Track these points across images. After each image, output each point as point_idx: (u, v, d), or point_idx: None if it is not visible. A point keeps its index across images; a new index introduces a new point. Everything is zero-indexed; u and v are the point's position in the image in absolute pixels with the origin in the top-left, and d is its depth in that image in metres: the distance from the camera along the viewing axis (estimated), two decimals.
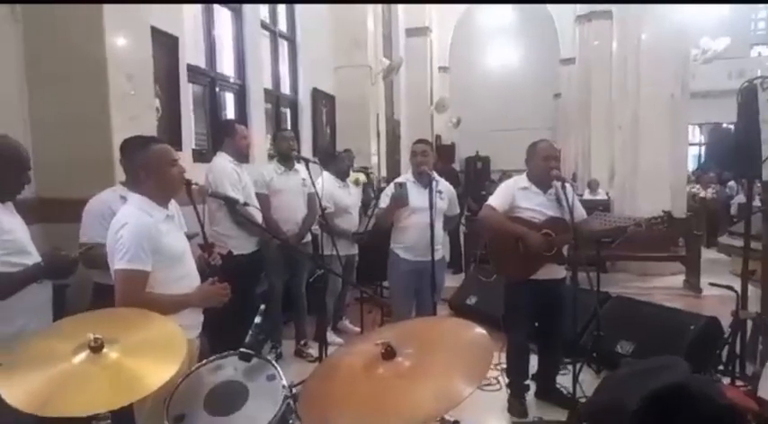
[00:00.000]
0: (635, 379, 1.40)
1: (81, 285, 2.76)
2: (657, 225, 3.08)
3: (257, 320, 1.67)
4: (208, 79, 5.10)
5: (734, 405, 1.35)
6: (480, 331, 1.47)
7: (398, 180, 3.69)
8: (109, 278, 2.06)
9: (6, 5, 2.99)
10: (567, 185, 3.13)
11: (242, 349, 1.63)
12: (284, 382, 1.60)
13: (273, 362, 1.68)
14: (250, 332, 1.64)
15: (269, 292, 4.08)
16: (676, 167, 7.22)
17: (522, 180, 3.32)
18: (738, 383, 3.26)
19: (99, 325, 1.57)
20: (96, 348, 1.49)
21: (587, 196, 9.75)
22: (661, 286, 6.39)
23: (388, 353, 1.43)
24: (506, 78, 16.60)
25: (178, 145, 4.20)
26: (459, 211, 3.94)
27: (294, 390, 1.58)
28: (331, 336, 4.28)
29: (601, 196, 9.19)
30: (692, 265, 6.21)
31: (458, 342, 1.51)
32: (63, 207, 2.99)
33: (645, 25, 7.07)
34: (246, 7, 5.72)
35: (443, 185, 3.66)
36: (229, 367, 1.67)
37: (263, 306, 1.69)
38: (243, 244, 3.58)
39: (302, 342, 4.27)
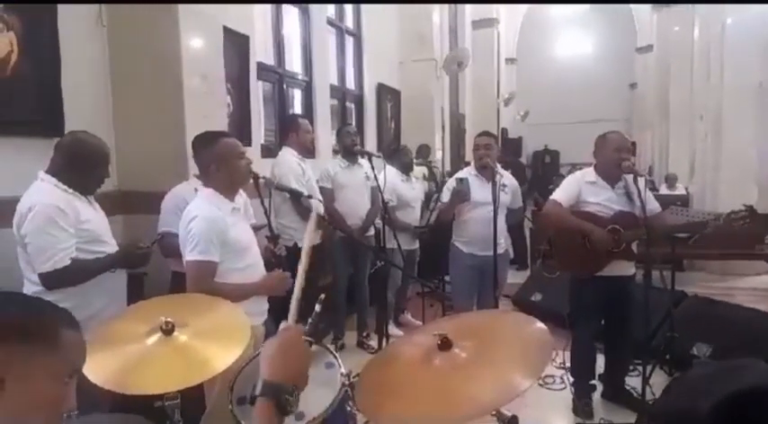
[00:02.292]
0: (708, 381, 1.31)
1: (160, 273, 2.95)
2: (738, 220, 2.88)
3: (317, 308, 1.70)
4: (276, 76, 5.24)
5: None
6: (540, 325, 1.44)
7: (460, 174, 3.67)
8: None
9: (94, 11, 3.21)
10: (640, 178, 2.98)
11: (303, 337, 1.67)
12: (342, 370, 1.63)
13: (332, 350, 1.72)
14: (309, 320, 1.68)
15: (333, 284, 4.17)
16: (764, 160, 6.71)
17: (589, 173, 3.20)
18: None
19: (170, 310, 1.67)
20: (168, 330, 1.59)
21: (664, 191, 9.24)
22: (744, 286, 5.97)
23: (445, 344, 1.43)
24: (578, 68, 16.01)
25: (247, 140, 4.34)
26: (522, 204, 3.86)
27: (352, 378, 1.60)
28: (392, 329, 4.32)
29: (679, 191, 8.69)
30: None
31: (516, 336, 1.48)
32: (142, 200, 3.20)
33: (729, 10, 6.60)
34: (314, 5, 5.84)
35: (507, 178, 3.60)
36: None
37: (322, 296, 1.72)
38: None
39: (364, 334, 4.33)
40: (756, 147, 6.58)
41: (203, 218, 2.10)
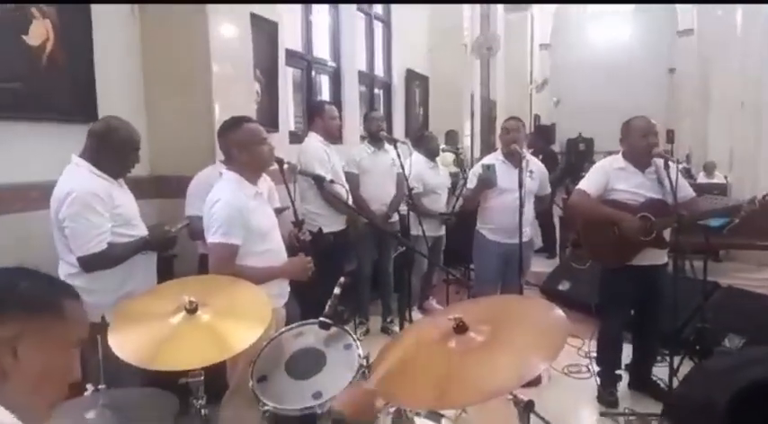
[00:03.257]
0: (727, 372, 1.30)
1: (188, 255, 3.03)
2: None
3: (336, 291, 1.74)
4: (305, 63, 5.27)
5: None
6: (558, 311, 1.43)
7: (486, 160, 3.63)
8: None
9: (127, 6, 3.28)
10: (671, 163, 2.90)
11: (321, 318, 1.70)
12: (360, 351, 1.66)
13: (351, 332, 1.75)
14: (329, 303, 1.72)
15: (357, 269, 4.21)
16: None
17: (617, 160, 3.12)
18: None
19: (195, 290, 1.72)
20: (191, 310, 1.64)
21: (702, 179, 8.95)
22: None
23: (460, 327, 1.43)
24: (614, 53, 15.56)
25: (275, 126, 4.39)
26: (550, 191, 3.80)
27: (370, 360, 1.63)
28: (416, 314, 4.33)
29: (718, 179, 8.41)
30: None
31: (534, 321, 1.48)
32: (173, 184, 3.28)
33: None
34: None
35: (534, 164, 3.55)
36: (310, 335, 1.76)
37: (342, 279, 1.76)
38: (332, 222, 3.70)
39: (388, 319, 4.36)
40: None
41: (226, 202, 2.14)
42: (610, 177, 3.06)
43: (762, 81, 6.43)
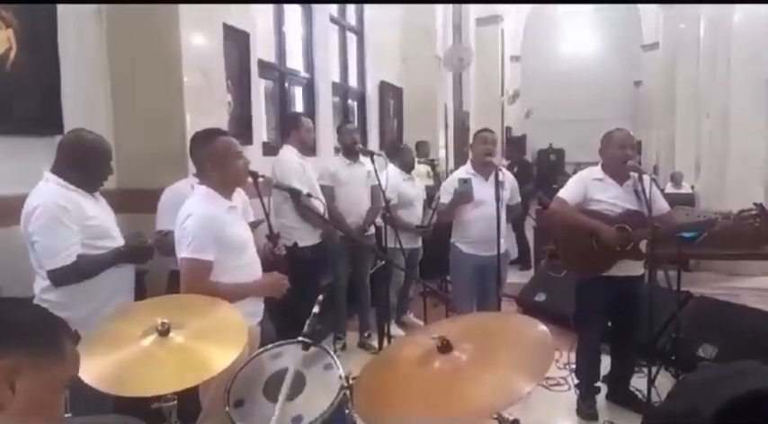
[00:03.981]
0: (711, 385, 1.28)
1: (158, 271, 2.92)
2: (748, 219, 2.83)
3: (315, 309, 1.68)
4: (277, 74, 5.21)
5: None
6: (542, 328, 1.40)
7: (459, 174, 3.62)
8: None
9: (93, 8, 3.18)
10: (645, 176, 2.95)
11: (301, 338, 1.64)
12: (341, 371, 1.60)
13: (331, 352, 1.69)
14: (308, 322, 1.66)
15: (333, 284, 4.14)
16: None
17: (596, 171, 3.15)
18: None
19: (167, 310, 1.65)
20: (163, 332, 1.56)
21: (670, 189, 9.15)
22: (751, 286, 5.90)
23: (445, 347, 1.39)
24: (583, 66, 15.96)
25: (248, 138, 4.32)
26: (520, 200, 3.81)
27: (351, 380, 1.57)
28: (395, 329, 4.28)
29: (685, 189, 8.62)
30: None
31: (518, 339, 1.44)
32: (142, 198, 3.16)
33: (737, 6, 6.52)
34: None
35: (504, 174, 3.55)
36: (288, 355, 1.70)
37: (320, 297, 1.70)
38: (307, 236, 3.64)
39: (366, 334, 4.30)
40: (764, 145, 6.51)
41: (199, 216, 2.07)
42: (588, 187, 3.08)
43: (726, 91, 6.62)
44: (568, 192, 3.11)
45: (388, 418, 1.36)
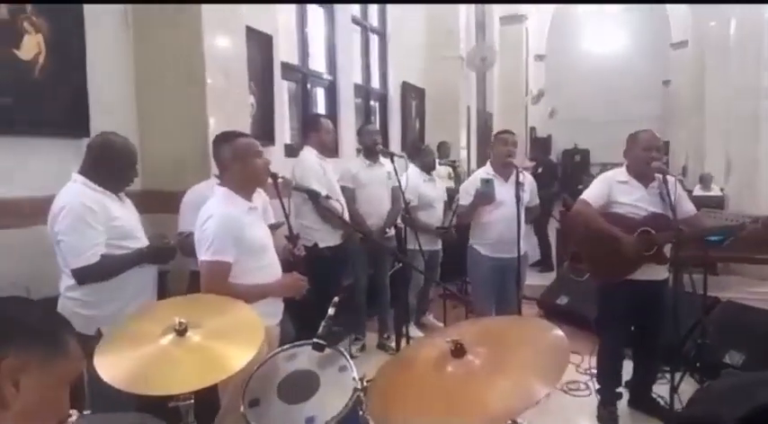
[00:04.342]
0: (735, 394, 1.25)
1: (180, 272, 2.97)
2: None
3: (330, 311, 1.69)
4: (300, 75, 5.25)
5: None
6: (558, 332, 1.39)
7: (480, 174, 3.60)
8: None
9: (119, 12, 3.25)
10: (670, 178, 2.88)
11: (315, 340, 1.66)
12: (355, 373, 1.61)
13: (345, 353, 1.70)
14: (323, 324, 1.67)
15: (354, 285, 4.16)
16: None
17: (620, 173, 3.09)
18: None
19: (185, 310, 1.67)
20: (181, 331, 1.59)
21: (699, 191, 8.95)
22: None
23: (458, 351, 1.39)
24: (609, 65, 15.68)
25: (271, 140, 4.36)
26: (538, 202, 3.77)
27: (365, 382, 1.58)
28: (414, 331, 4.26)
29: (714, 192, 8.41)
30: None
31: (534, 343, 1.43)
32: (166, 199, 3.21)
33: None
34: (338, 4, 5.83)
35: (523, 176, 3.52)
36: (303, 356, 1.71)
37: (336, 298, 1.71)
38: (328, 237, 3.65)
39: (385, 335, 4.30)
40: None
41: (219, 217, 2.10)
42: (612, 189, 3.02)
43: (757, 92, 6.44)
44: (592, 194, 3.06)
45: (399, 421, 1.37)
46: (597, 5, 15.49)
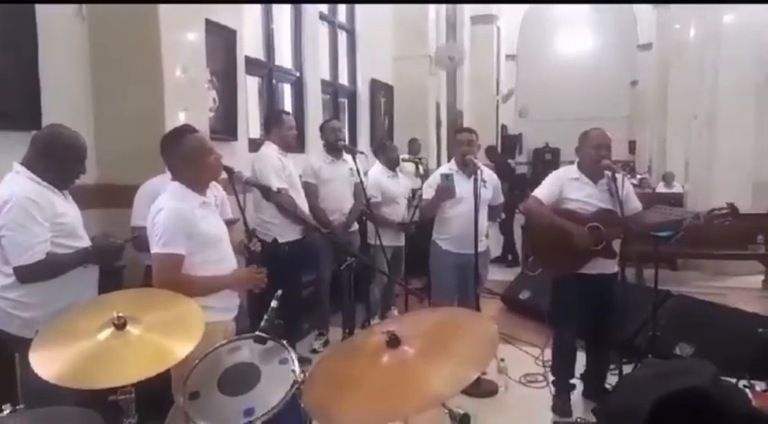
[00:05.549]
0: (653, 381, 1.31)
1: (137, 267, 2.94)
2: (719, 217, 2.85)
3: (273, 304, 1.70)
4: (265, 71, 5.22)
5: (757, 415, 1.22)
6: (488, 322, 1.43)
7: (443, 170, 3.64)
8: None
9: (74, 8, 3.19)
10: (618, 175, 2.97)
11: (257, 332, 1.67)
12: (295, 366, 1.62)
13: (287, 346, 1.71)
14: (265, 317, 1.68)
15: (317, 280, 4.16)
16: (760, 160, 6.67)
17: (572, 170, 3.18)
18: None
19: (125, 304, 1.66)
20: (120, 325, 1.58)
21: (662, 189, 9.20)
22: (737, 286, 5.93)
23: (393, 341, 1.42)
24: (579, 65, 15.93)
25: (233, 135, 4.34)
26: (503, 200, 3.83)
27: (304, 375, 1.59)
28: None
29: (677, 189, 8.65)
30: None
31: (465, 333, 1.47)
32: (122, 193, 3.17)
33: (727, 8, 6.55)
34: None
35: (487, 174, 3.57)
36: (245, 349, 1.72)
37: (279, 292, 1.72)
38: (287, 232, 3.64)
39: (347, 331, 4.31)
40: (751, 147, 6.54)
41: (169, 211, 2.09)
42: (563, 186, 3.10)
43: (714, 93, 6.64)
44: (544, 191, 3.13)
45: (334, 411, 1.39)
46: (566, 7, 15.73)
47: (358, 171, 3.66)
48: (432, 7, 8.28)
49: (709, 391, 1.15)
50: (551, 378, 3.35)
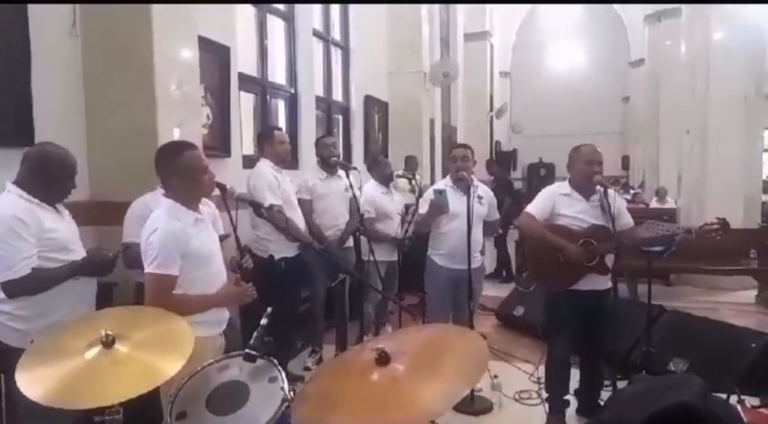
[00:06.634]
0: (643, 397, 1.31)
1: (127, 284, 2.92)
2: (709, 233, 2.87)
3: (263, 321, 1.69)
4: (259, 87, 5.25)
5: None
6: (477, 338, 1.43)
7: (437, 186, 3.66)
8: None
9: (67, 19, 3.21)
10: (610, 191, 2.99)
11: (246, 350, 1.65)
12: (285, 384, 1.61)
13: (277, 364, 1.70)
14: (255, 334, 1.67)
15: (311, 297, 4.14)
16: (750, 175, 6.73)
17: (563, 186, 3.19)
18: None
19: (114, 322, 1.65)
20: (108, 343, 1.56)
21: (655, 204, 9.25)
22: (730, 301, 5.95)
23: (383, 359, 1.41)
24: (572, 81, 16.10)
25: (227, 151, 4.35)
26: (498, 217, 3.84)
27: (294, 393, 1.58)
28: None
29: (669, 204, 8.69)
30: (766, 279, 5.74)
31: (454, 349, 1.47)
32: (115, 210, 3.15)
33: (716, 24, 6.65)
34: (299, 15, 5.86)
35: (483, 190, 3.59)
36: (235, 367, 1.70)
37: (269, 309, 1.71)
38: (283, 248, 3.62)
39: (340, 348, 4.28)
40: (742, 161, 6.60)
41: (163, 232, 2.08)
42: (555, 202, 3.11)
43: (705, 108, 6.71)
44: (536, 207, 3.14)
45: None
46: (559, 23, 15.94)
47: (351, 187, 3.66)
48: (425, 24, 8.36)
49: (698, 406, 1.14)
50: (545, 395, 3.33)
